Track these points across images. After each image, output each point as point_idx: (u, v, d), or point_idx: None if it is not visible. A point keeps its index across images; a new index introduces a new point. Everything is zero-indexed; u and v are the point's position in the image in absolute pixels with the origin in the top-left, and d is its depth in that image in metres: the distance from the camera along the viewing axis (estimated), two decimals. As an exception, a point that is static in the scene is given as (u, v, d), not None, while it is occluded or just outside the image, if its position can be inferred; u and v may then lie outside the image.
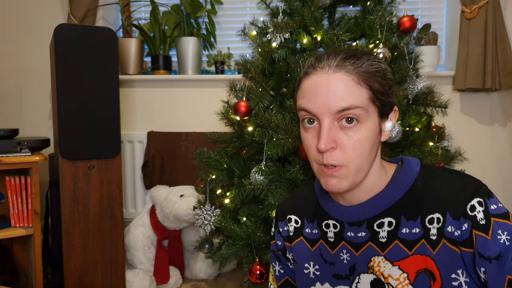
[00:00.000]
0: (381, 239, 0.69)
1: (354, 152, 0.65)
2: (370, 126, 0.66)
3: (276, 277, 0.89)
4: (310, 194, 0.83)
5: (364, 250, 0.71)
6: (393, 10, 1.43)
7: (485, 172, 2.20)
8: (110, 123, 1.58)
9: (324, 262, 0.77)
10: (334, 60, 0.66)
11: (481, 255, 0.60)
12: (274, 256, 0.89)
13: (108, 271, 1.63)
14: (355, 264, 0.72)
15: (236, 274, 2.06)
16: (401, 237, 0.67)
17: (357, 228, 0.72)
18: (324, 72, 0.66)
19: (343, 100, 0.63)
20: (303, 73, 0.70)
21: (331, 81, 0.64)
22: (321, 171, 0.67)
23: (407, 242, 0.67)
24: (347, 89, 0.64)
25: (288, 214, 0.85)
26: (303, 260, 0.80)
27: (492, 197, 0.63)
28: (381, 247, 0.69)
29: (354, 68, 0.65)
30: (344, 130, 0.65)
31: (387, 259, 0.68)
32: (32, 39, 2.39)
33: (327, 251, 0.76)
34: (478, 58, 2.05)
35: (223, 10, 2.44)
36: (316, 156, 0.67)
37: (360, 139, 0.65)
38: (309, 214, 0.81)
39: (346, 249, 0.73)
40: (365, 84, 0.65)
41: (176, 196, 1.84)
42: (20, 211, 1.60)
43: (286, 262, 0.86)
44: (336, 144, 0.65)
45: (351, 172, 0.66)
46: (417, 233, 0.66)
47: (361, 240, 0.72)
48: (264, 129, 1.35)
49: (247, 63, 1.48)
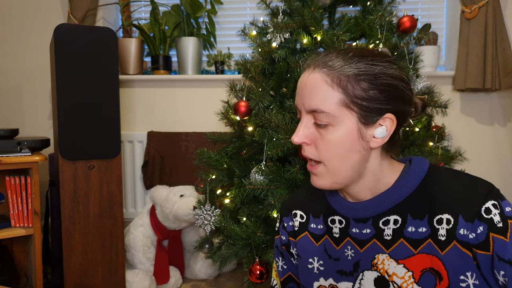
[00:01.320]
0: (386, 237, 0.69)
1: (327, 151, 0.67)
2: (343, 130, 0.65)
3: (279, 273, 0.89)
4: (316, 190, 0.83)
5: (368, 247, 0.71)
6: (393, 10, 1.43)
7: (485, 172, 2.20)
8: (110, 123, 1.58)
9: (328, 257, 0.77)
10: (316, 59, 0.68)
11: (500, 258, 0.59)
12: (278, 252, 0.89)
13: (108, 271, 1.63)
14: (359, 261, 0.72)
15: (236, 274, 2.06)
16: (407, 235, 0.67)
17: (362, 224, 0.72)
18: (307, 70, 0.68)
19: (312, 101, 0.66)
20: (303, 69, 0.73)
21: (308, 80, 0.67)
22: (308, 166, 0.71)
23: (413, 241, 0.66)
24: (317, 91, 0.65)
25: (293, 209, 0.85)
26: (308, 255, 0.80)
27: (504, 199, 0.63)
28: (386, 244, 0.69)
29: (331, 70, 0.65)
30: (318, 129, 0.67)
31: (391, 257, 0.68)
32: (32, 39, 2.39)
33: (332, 247, 0.77)
34: (478, 58, 2.05)
35: (223, 10, 2.44)
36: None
37: (332, 140, 0.66)
38: (315, 210, 0.81)
39: (350, 245, 0.73)
40: (339, 87, 0.64)
41: (176, 196, 1.84)
42: (20, 211, 1.60)
43: (289, 257, 0.87)
44: (310, 141, 0.68)
45: (329, 171, 0.68)
46: (423, 232, 0.66)
47: (366, 237, 0.71)
48: (264, 129, 1.35)
49: (247, 63, 1.48)
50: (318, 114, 0.65)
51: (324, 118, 0.65)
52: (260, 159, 1.41)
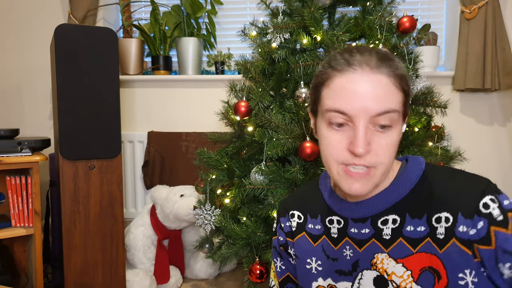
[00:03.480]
0: (385, 236, 0.69)
1: (384, 156, 0.63)
2: (399, 129, 0.65)
3: (278, 273, 0.89)
4: (314, 191, 0.83)
5: (367, 246, 0.71)
6: (392, 10, 1.43)
7: (484, 172, 2.20)
8: (111, 123, 1.58)
9: (326, 257, 0.77)
10: (373, 60, 0.63)
11: (505, 251, 0.59)
12: (276, 252, 0.89)
13: (109, 271, 1.63)
14: (358, 261, 0.72)
15: (236, 273, 2.06)
16: (406, 234, 0.67)
17: (361, 224, 0.72)
18: (364, 71, 0.62)
19: (383, 103, 0.61)
20: (331, 69, 0.65)
21: (372, 82, 0.62)
22: (345, 173, 0.65)
23: (412, 240, 0.66)
24: (387, 92, 0.62)
25: (291, 209, 0.85)
26: (305, 255, 0.80)
27: (501, 193, 0.63)
28: (385, 244, 0.69)
29: (393, 70, 0.63)
30: (378, 134, 0.63)
31: (390, 256, 0.68)
32: (33, 39, 2.39)
33: (330, 247, 0.77)
34: (477, 58, 2.06)
35: (223, 10, 2.44)
36: (342, 157, 0.64)
37: (390, 143, 0.63)
38: (312, 210, 0.81)
39: (349, 245, 0.73)
40: (401, 87, 0.64)
41: (177, 196, 1.84)
42: (20, 211, 1.60)
43: (287, 257, 0.87)
44: (370, 148, 0.63)
45: (378, 175, 0.64)
46: (422, 231, 0.66)
47: (364, 237, 0.71)
48: (264, 129, 1.35)
49: (247, 63, 1.48)
50: (387, 115, 0.62)
51: (389, 120, 0.62)
52: (260, 159, 1.42)
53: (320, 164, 1.29)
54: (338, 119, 0.63)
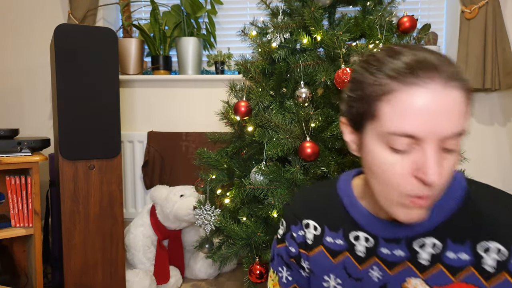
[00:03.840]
0: (421, 261, 0.62)
1: (446, 180, 0.55)
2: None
3: (283, 284, 0.81)
4: (332, 197, 0.73)
5: (400, 270, 0.64)
6: (393, 10, 1.43)
7: (485, 172, 2.20)
8: (110, 123, 1.58)
9: (348, 276, 0.69)
10: (444, 70, 0.52)
11: None
12: (281, 261, 0.80)
13: (108, 271, 1.63)
14: (386, 284, 0.65)
15: (236, 274, 2.06)
16: (446, 261, 0.60)
17: (394, 245, 0.64)
18: (436, 85, 0.51)
19: (456, 124, 0.52)
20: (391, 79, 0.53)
21: (447, 99, 0.51)
22: (406, 201, 0.56)
23: (452, 268, 0.59)
24: (460, 111, 0.52)
25: (303, 218, 0.76)
26: (322, 272, 0.73)
27: None
28: (421, 269, 0.62)
29: (465, 83, 0.52)
30: (444, 156, 0.54)
31: (427, 283, 0.61)
32: (32, 39, 2.39)
33: (353, 266, 0.69)
34: (478, 58, 2.05)
35: (223, 10, 2.44)
36: (410, 186, 0.54)
37: (452, 166, 0.55)
38: (331, 221, 0.72)
39: (378, 266, 0.66)
40: (470, 103, 0.54)
41: (176, 196, 1.84)
42: (20, 211, 1.60)
43: (298, 269, 0.78)
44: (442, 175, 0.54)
45: (435, 200, 0.57)
46: (465, 259, 0.59)
47: (397, 259, 0.64)
48: (264, 129, 1.35)
49: (247, 63, 1.48)
50: (459, 137, 0.53)
51: (457, 142, 0.53)
52: (260, 159, 1.42)
53: (320, 164, 1.29)
54: (404, 143, 0.53)
